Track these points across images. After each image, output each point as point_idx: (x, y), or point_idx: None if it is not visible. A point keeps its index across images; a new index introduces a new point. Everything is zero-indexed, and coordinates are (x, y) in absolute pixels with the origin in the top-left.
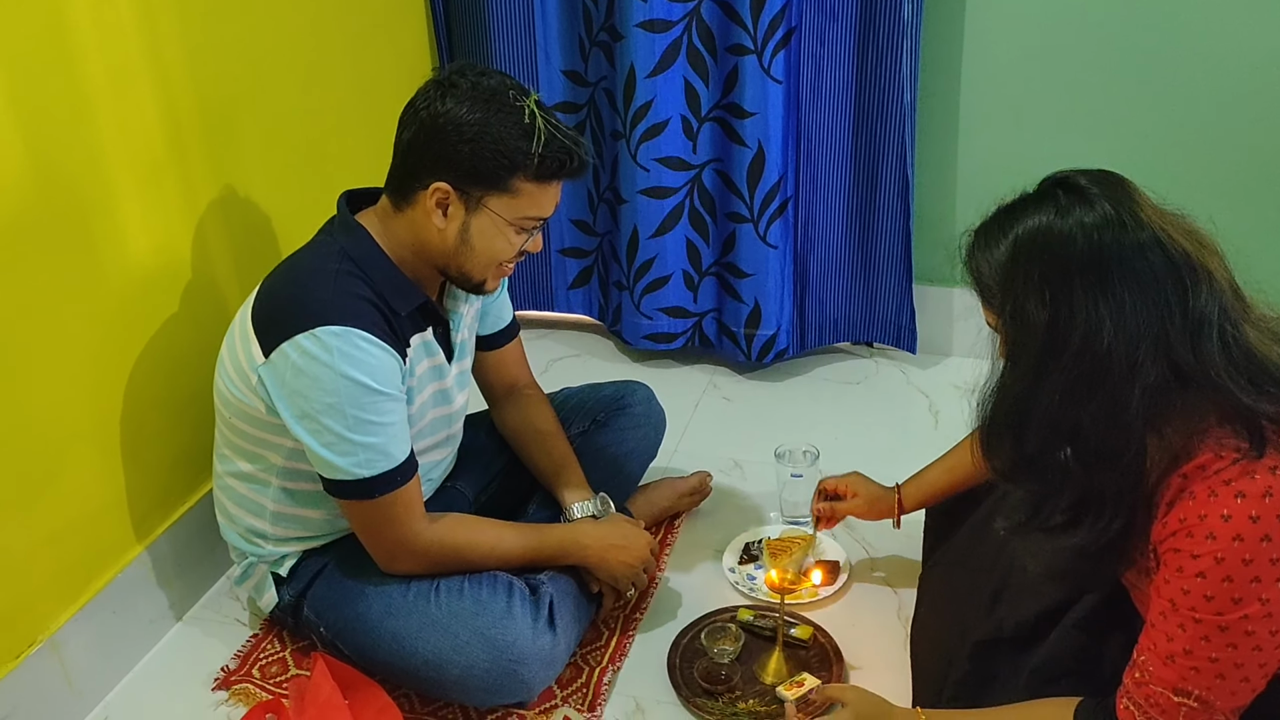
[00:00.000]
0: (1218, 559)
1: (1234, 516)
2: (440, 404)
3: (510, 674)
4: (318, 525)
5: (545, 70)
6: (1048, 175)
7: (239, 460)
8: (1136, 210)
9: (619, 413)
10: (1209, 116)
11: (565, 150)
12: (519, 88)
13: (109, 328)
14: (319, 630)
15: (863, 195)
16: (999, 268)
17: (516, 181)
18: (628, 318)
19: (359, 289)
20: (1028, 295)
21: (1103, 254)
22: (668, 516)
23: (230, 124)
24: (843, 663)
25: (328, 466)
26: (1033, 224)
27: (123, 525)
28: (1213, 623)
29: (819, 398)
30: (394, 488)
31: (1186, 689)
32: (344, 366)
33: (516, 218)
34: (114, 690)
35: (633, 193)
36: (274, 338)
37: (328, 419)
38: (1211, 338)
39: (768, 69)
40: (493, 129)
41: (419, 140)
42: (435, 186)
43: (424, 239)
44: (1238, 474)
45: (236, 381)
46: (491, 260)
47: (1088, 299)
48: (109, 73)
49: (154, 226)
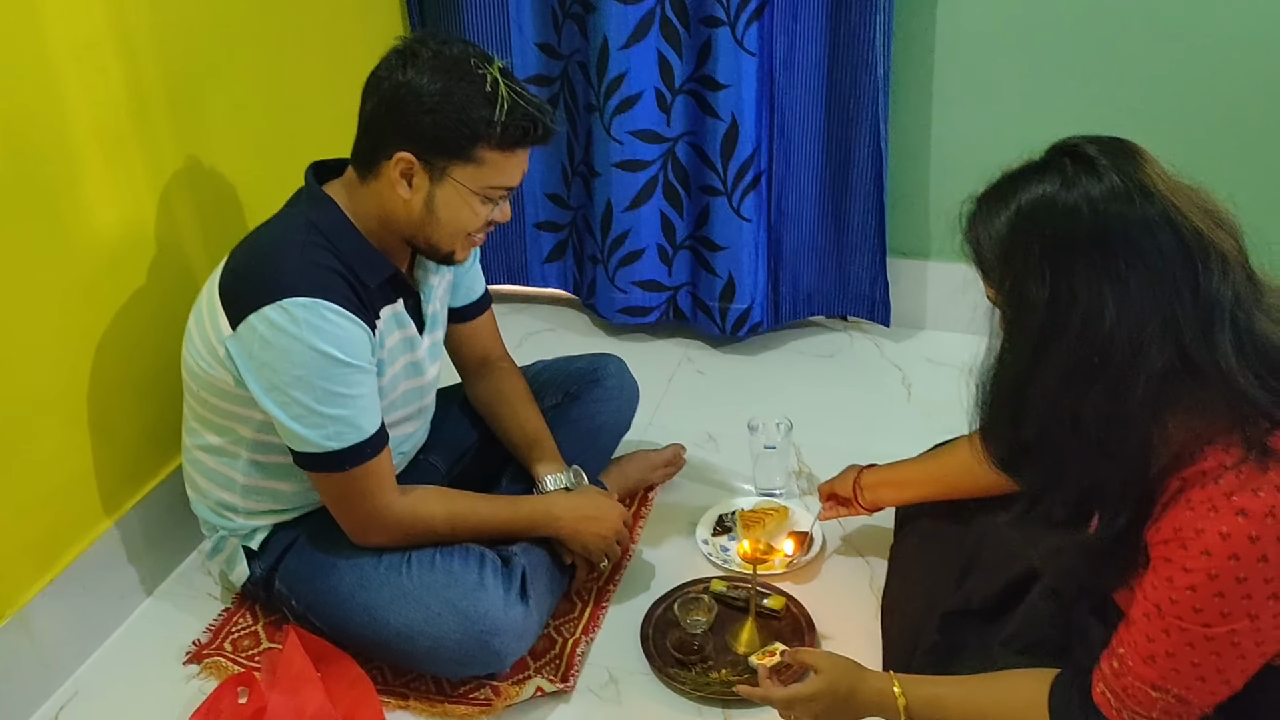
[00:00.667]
0: (1211, 575)
1: (1232, 535)
2: (412, 376)
3: (482, 645)
4: (288, 498)
5: (518, 42)
6: (1057, 141)
7: (208, 433)
8: (1147, 183)
9: (592, 385)
10: (1184, 90)
11: (529, 118)
12: (482, 55)
13: (75, 301)
14: (290, 603)
15: (836, 168)
16: (999, 240)
17: (480, 150)
18: (602, 292)
19: (327, 260)
20: (1028, 272)
21: (1108, 230)
22: (641, 489)
23: (198, 94)
24: (815, 632)
25: (297, 439)
26: (1035, 195)
27: (92, 499)
28: (1199, 633)
29: (793, 371)
30: (364, 460)
31: (1165, 687)
32: (312, 338)
33: (482, 187)
34: (84, 664)
35: (606, 166)
36: (241, 310)
37: (296, 391)
38: (1224, 325)
39: (741, 41)
40: (455, 98)
41: (381, 110)
42: (399, 157)
43: (390, 210)
44: (1240, 488)
45: (204, 354)
46: (458, 230)
47: (1090, 278)
48: (73, 42)
49: (121, 198)
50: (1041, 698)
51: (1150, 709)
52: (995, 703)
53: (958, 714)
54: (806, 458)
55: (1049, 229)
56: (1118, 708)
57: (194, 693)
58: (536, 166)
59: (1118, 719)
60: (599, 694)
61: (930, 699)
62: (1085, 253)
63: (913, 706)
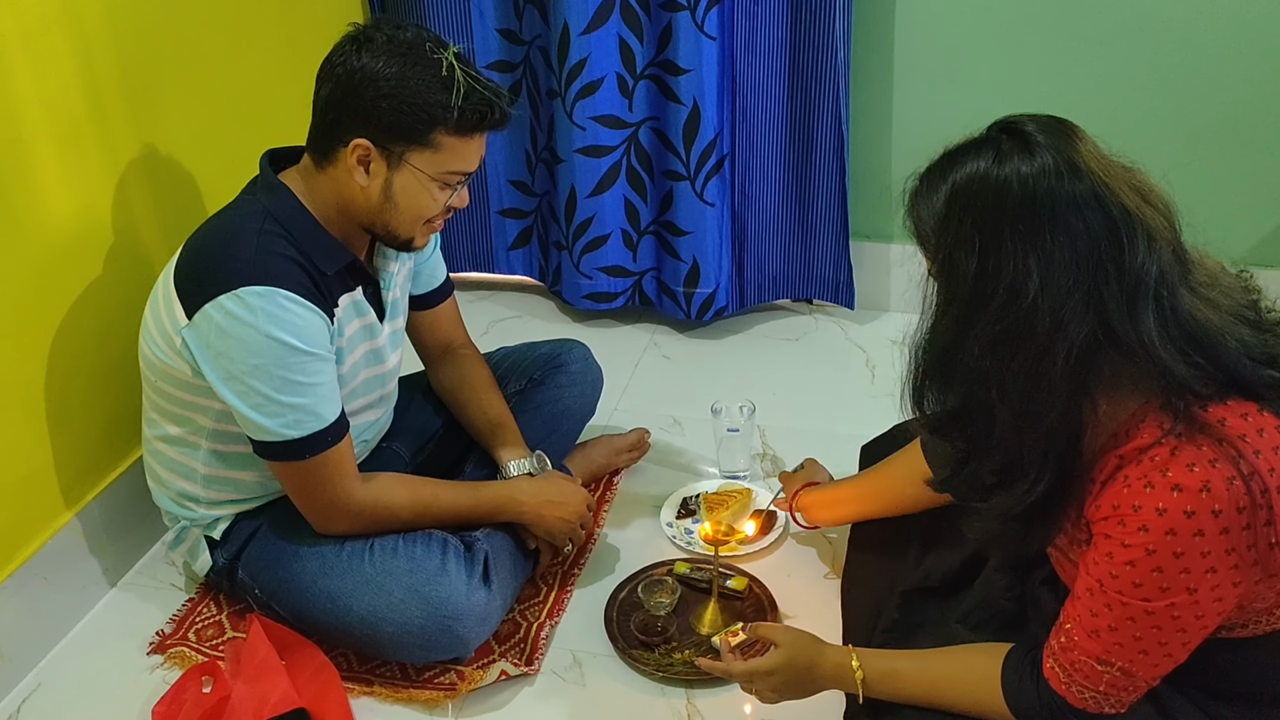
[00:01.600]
0: (1149, 550)
1: (1169, 510)
2: (373, 363)
3: (445, 630)
4: (250, 487)
5: (480, 28)
6: (998, 119)
7: (167, 424)
8: (1078, 161)
9: (556, 371)
10: (1145, 68)
11: (485, 102)
12: (437, 40)
13: (31, 293)
14: (254, 592)
15: (799, 152)
16: (937, 214)
17: (437, 135)
18: (568, 278)
19: (282, 248)
20: (959, 243)
21: (1035, 205)
22: (606, 473)
23: (153, 81)
24: (777, 612)
25: (256, 428)
26: (969, 170)
27: (51, 491)
28: (1139, 607)
29: (758, 354)
30: (324, 448)
31: (1110, 660)
32: (268, 327)
33: (439, 172)
34: (47, 657)
35: (569, 152)
36: (196, 299)
37: (254, 380)
38: (1147, 300)
39: (701, 25)
40: (411, 82)
41: (336, 96)
42: (355, 143)
43: (347, 197)
44: (1175, 464)
45: (161, 344)
46: (417, 217)
47: (1016, 250)
48: (23, 29)
49: (75, 187)
50: (994, 672)
51: (1097, 682)
52: (950, 677)
53: (913, 687)
54: (771, 440)
55: (979, 203)
56: (1066, 682)
57: (158, 683)
58: (500, 153)
59: (1066, 693)
60: (563, 676)
61: (887, 672)
62: (1013, 226)
63: (870, 679)
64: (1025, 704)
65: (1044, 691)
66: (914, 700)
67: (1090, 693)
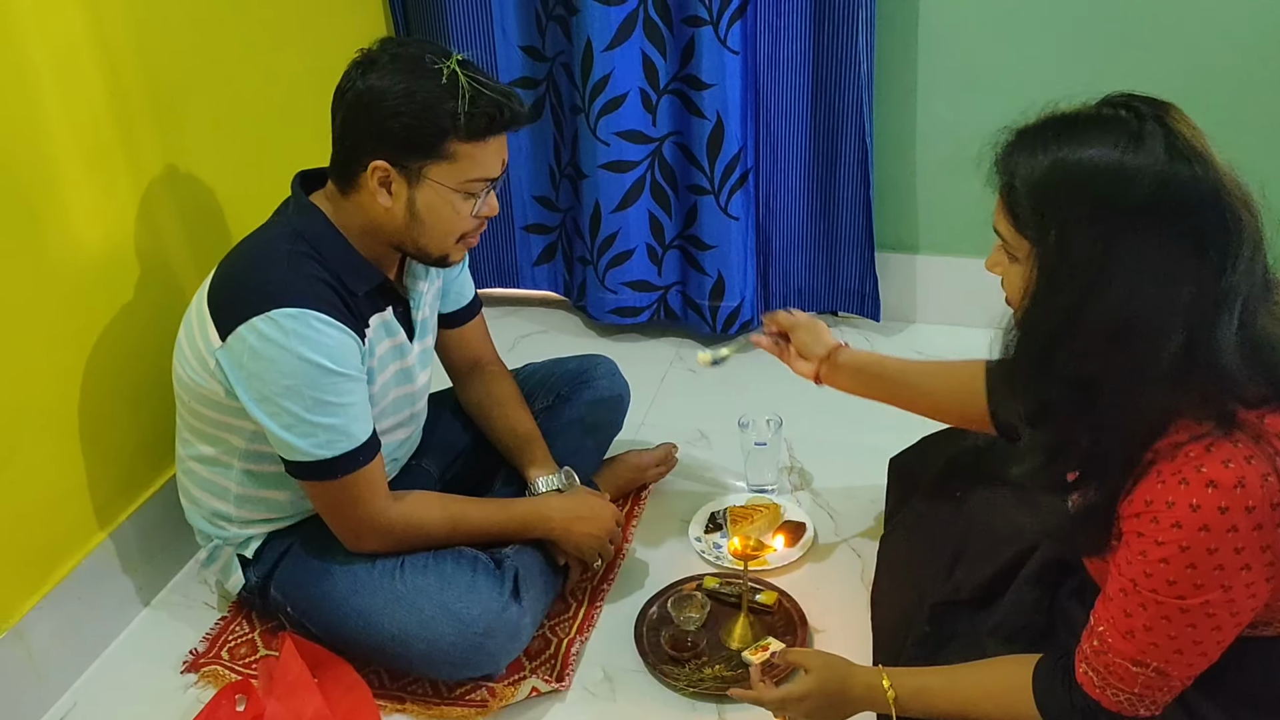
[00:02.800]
0: (1182, 547)
1: (1203, 506)
2: (403, 383)
3: (476, 647)
4: (282, 507)
5: (502, 46)
6: (1109, 95)
7: (201, 444)
8: (1207, 156)
9: (583, 386)
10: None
11: (494, 104)
12: (439, 51)
13: (63, 313)
14: (286, 610)
15: (823, 165)
16: (1039, 180)
17: (451, 145)
18: (593, 293)
19: (314, 270)
20: (1079, 225)
21: (1166, 199)
22: (634, 488)
23: (179, 100)
24: (807, 627)
25: (288, 448)
26: (1099, 151)
27: (85, 512)
28: (1174, 605)
29: (784, 368)
30: (356, 468)
31: (1145, 661)
32: (301, 348)
33: (460, 183)
34: (82, 677)
35: (593, 167)
36: (230, 321)
37: (286, 401)
38: (1232, 315)
39: (724, 40)
40: (417, 96)
41: (349, 121)
42: (374, 166)
43: (375, 220)
44: (1209, 460)
45: (195, 366)
46: (445, 231)
47: (1141, 244)
48: (51, 51)
49: (105, 208)
50: (1025, 681)
51: (1132, 684)
52: (981, 689)
53: (945, 703)
54: (798, 453)
55: (1109, 186)
56: (1100, 685)
57: (191, 702)
58: (524, 169)
59: (1100, 696)
60: (594, 692)
61: (918, 690)
62: (1140, 216)
63: (902, 698)
64: (1058, 711)
65: (1078, 697)
66: (947, 716)
67: (1125, 695)
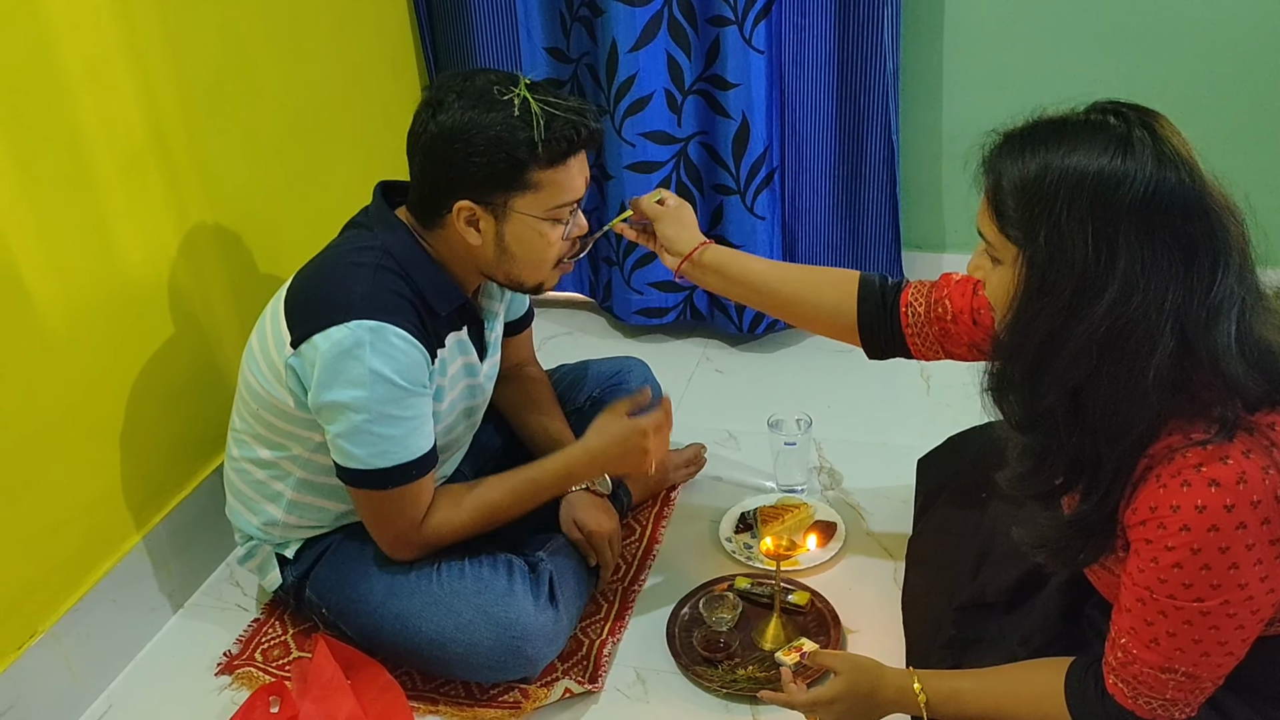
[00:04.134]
0: (1193, 550)
1: (1209, 507)
2: (468, 399)
3: (514, 651)
4: (331, 517)
5: (527, 48)
6: (1096, 102)
7: (260, 447)
8: (1193, 162)
9: (616, 389)
10: (1197, 73)
11: (570, 125)
12: (506, 79)
13: (97, 322)
14: (321, 611)
15: (849, 164)
16: (1027, 182)
17: (532, 175)
18: (619, 293)
19: (397, 286)
20: (1071, 228)
21: (1155, 205)
22: (663, 489)
23: (211, 111)
24: (840, 627)
25: (344, 455)
26: (1088, 156)
27: (120, 515)
28: (1193, 609)
29: (811, 367)
30: (408, 480)
31: (1173, 667)
32: (373, 360)
33: (547, 210)
34: (117, 679)
35: (619, 168)
36: (306, 329)
37: (351, 411)
38: (1230, 321)
39: (749, 39)
40: (492, 131)
41: (428, 165)
42: (459, 207)
43: (462, 254)
44: (1209, 458)
45: (265, 373)
46: (538, 261)
47: (1132, 247)
48: (85, 61)
49: (138, 214)
50: (1057, 687)
51: (1163, 690)
52: (1013, 694)
53: (976, 707)
54: (827, 453)
55: (1100, 190)
56: (1132, 696)
57: (226, 704)
58: None
59: (1134, 706)
60: (627, 693)
61: (950, 693)
62: (1130, 221)
63: (933, 701)
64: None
65: (1110, 707)
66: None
67: (1158, 701)
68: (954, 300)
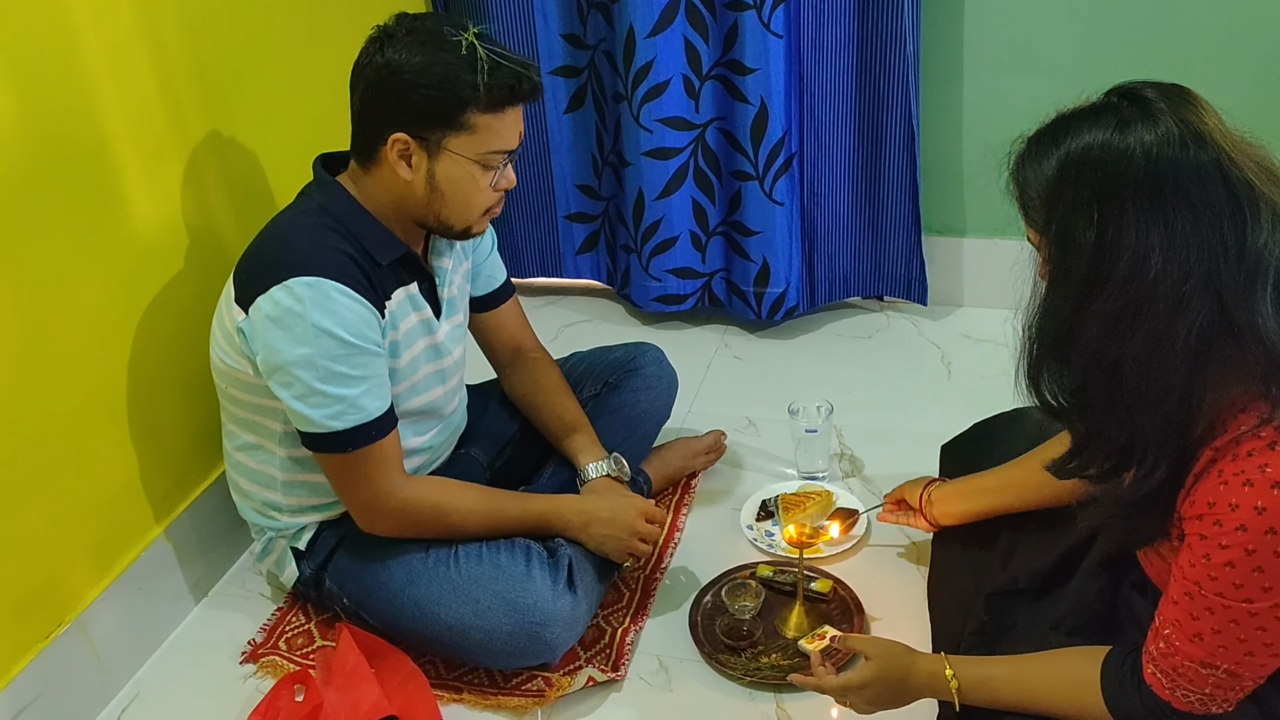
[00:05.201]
0: (1248, 550)
1: (1269, 509)
2: (434, 359)
3: (533, 636)
4: (328, 490)
5: (544, 34)
6: (1115, 85)
7: (243, 433)
8: (1202, 130)
9: (630, 375)
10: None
11: (513, 75)
12: (457, 23)
13: (118, 308)
14: (342, 601)
15: (868, 148)
16: (1047, 181)
17: (470, 116)
18: (637, 281)
19: (335, 242)
20: (1076, 214)
21: (1159, 176)
22: (683, 476)
23: (229, 90)
24: (863, 614)
25: (302, 419)
26: (1089, 138)
27: (144, 504)
28: (1242, 610)
29: (831, 353)
30: (368, 442)
31: (1214, 664)
32: (316, 316)
33: (479, 154)
34: (143, 667)
35: (636, 155)
36: (250, 293)
37: (299, 370)
38: (1266, 283)
39: (768, 24)
40: (436, 69)
41: (369, 96)
42: (394, 138)
43: (396, 194)
44: (1275, 459)
45: (225, 347)
46: (465, 203)
47: (1138, 223)
48: (105, 43)
49: (159, 201)
50: (1094, 677)
51: (1202, 685)
52: (1047, 682)
53: (1010, 694)
54: (848, 440)
55: (1100, 172)
56: (1170, 687)
57: (251, 692)
58: (566, 158)
59: (1170, 698)
60: (650, 682)
61: (982, 679)
62: (1135, 198)
63: (965, 687)
64: (1129, 710)
65: (1147, 697)
66: (1011, 707)
67: (1196, 695)
68: None
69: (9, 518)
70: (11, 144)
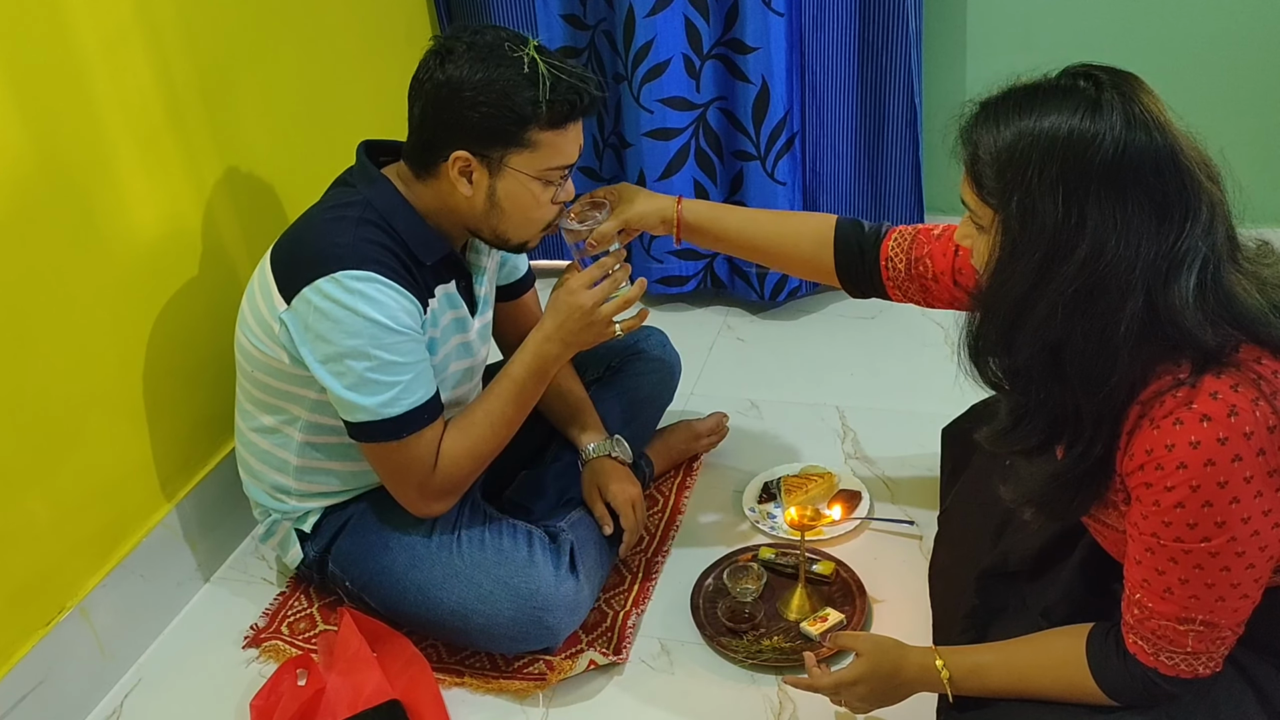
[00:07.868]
0: (1193, 487)
1: (1202, 442)
2: (463, 356)
3: (535, 621)
4: (342, 479)
5: (543, 15)
6: (1069, 66)
7: (262, 414)
8: (1162, 121)
9: (633, 358)
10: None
11: (574, 90)
12: (516, 38)
13: (120, 295)
14: (345, 584)
15: (871, 128)
16: (1003, 149)
17: (532, 134)
18: (638, 262)
19: (379, 237)
20: (1041, 191)
21: (1124, 164)
22: (686, 459)
23: (228, 83)
24: (865, 596)
25: (352, 409)
26: (1058, 119)
27: (146, 490)
28: (1202, 551)
29: (834, 334)
30: (419, 427)
31: (1190, 617)
32: (365, 308)
33: (540, 170)
34: (146, 652)
35: (637, 136)
36: (295, 284)
37: (352, 361)
38: (1190, 275)
39: (768, 2)
40: (497, 86)
41: (429, 112)
42: (455, 156)
43: (452, 205)
44: (1197, 394)
45: (258, 333)
46: (525, 219)
47: (1102, 207)
48: (101, 38)
49: (158, 191)
50: (1079, 653)
51: (1183, 643)
52: (1035, 664)
53: (1000, 680)
54: (850, 421)
55: (1070, 154)
56: (1153, 652)
57: (254, 676)
58: None
59: (1155, 663)
60: (652, 665)
61: (973, 668)
62: (1100, 183)
63: (956, 678)
64: (1117, 682)
65: (1133, 667)
66: (1004, 693)
67: (1180, 656)
68: (935, 260)
69: (10, 504)
70: (8, 140)
